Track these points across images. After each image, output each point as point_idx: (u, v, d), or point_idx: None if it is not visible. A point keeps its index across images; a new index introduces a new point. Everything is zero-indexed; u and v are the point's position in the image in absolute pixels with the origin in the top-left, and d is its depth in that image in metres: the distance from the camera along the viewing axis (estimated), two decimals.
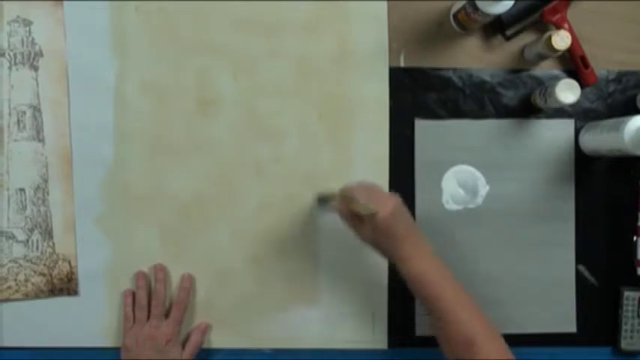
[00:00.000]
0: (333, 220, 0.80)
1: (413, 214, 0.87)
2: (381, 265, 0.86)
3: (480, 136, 0.88)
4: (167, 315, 0.84)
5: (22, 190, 0.85)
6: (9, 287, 0.85)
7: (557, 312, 0.88)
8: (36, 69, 0.85)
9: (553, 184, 0.88)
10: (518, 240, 0.88)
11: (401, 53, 0.88)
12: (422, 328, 0.87)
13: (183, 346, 0.84)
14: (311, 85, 0.87)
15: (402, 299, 0.87)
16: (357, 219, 0.74)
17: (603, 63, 0.88)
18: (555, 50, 0.81)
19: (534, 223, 0.88)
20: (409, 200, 0.87)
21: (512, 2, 0.78)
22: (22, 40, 0.85)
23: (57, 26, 0.85)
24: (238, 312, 0.87)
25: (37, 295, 0.85)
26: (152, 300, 0.84)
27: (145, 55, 0.86)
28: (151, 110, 0.86)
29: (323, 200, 0.84)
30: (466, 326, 0.69)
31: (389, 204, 0.73)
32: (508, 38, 0.88)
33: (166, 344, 0.82)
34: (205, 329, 0.86)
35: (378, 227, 0.72)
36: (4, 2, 0.85)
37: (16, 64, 0.85)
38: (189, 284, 0.85)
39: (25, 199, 0.85)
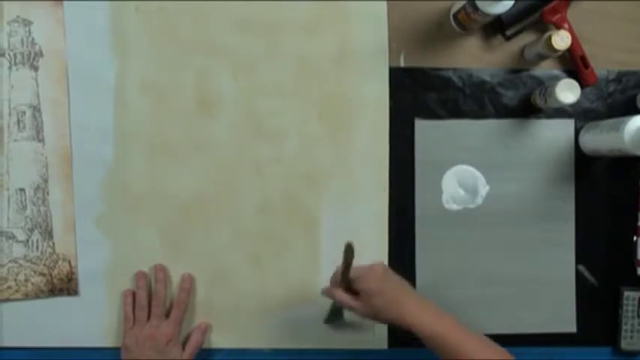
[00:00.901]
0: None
1: (413, 214, 0.87)
2: None
3: (480, 136, 0.88)
4: (167, 315, 0.84)
5: (22, 190, 0.85)
6: (9, 287, 0.85)
7: (557, 312, 0.88)
8: (36, 69, 0.85)
9: (553, 184, 0.88)
10: (518, 240, 0.88)
11: (401, 53, 0.88)
12: None
13: (184, 346, 0.84)
14: (311, 85, 0.87)
15: None
16: (354, 298, 0.75)
17: (603, 63, 0.88)
18: (555, 50, 0.81)
19: (534, 223, 0.88)
20: (409, 200, 0.87)
21: (512, 2, 0.78)
22: (22, 40, 0.85)
23: (57, 26, 0.85)
24: (238, 312, 0.87)
25: (37, 295, 0.85)
26: (152, 300, 0.84)
27: (145, 55, 0.86)
28: (151, 110, 0.86)
29: (332, 316, 0.85)
30: None
31: (374, 271, 0.75)
32: (508, 38, 0.88)
33: (167, 344, 0.82)
34: (205, 329, 0.86)
35: (374, 296, 0.73)
36: (4, 2, 0.85)
37: (16, 64, 0.85)
38: (189, 284, 0.85)
39: (25, 199, 0.85)
